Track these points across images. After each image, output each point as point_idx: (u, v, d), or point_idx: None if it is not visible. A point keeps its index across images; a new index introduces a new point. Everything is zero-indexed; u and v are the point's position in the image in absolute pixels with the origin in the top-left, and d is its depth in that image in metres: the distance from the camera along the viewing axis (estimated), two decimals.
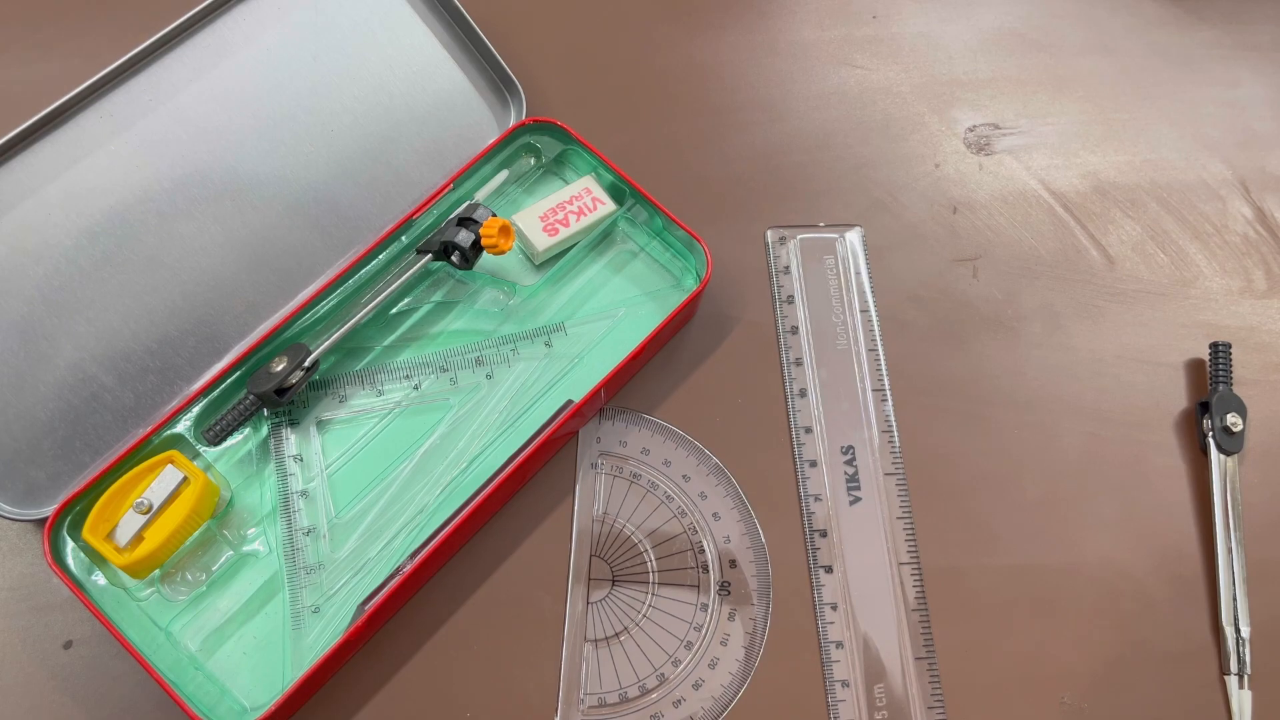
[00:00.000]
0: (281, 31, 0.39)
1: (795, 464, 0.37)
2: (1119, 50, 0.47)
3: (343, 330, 0.37)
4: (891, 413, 0.38)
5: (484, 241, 0.37)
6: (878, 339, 0.40)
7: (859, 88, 0.46)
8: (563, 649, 0.34)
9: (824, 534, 0.36)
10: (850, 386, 0.39)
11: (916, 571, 0.36)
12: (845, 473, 0.37)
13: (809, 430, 0.38)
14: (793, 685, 0.34)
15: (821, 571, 0.36)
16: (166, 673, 0.32)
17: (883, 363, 0.39)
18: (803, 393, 0.38)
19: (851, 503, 0.37)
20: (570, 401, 0.36)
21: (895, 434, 0.38)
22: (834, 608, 0.35)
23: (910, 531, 0.36)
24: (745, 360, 0.40)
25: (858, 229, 0.42)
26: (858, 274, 0.41)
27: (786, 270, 0.41)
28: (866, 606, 0.35)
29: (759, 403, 0.39)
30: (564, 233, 0.39)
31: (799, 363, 0.39)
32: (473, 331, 0.39)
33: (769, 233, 0.42)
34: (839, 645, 0.34)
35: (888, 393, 0.39)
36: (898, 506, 0.37)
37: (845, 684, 0.34)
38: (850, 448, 0.38)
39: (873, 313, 0.40)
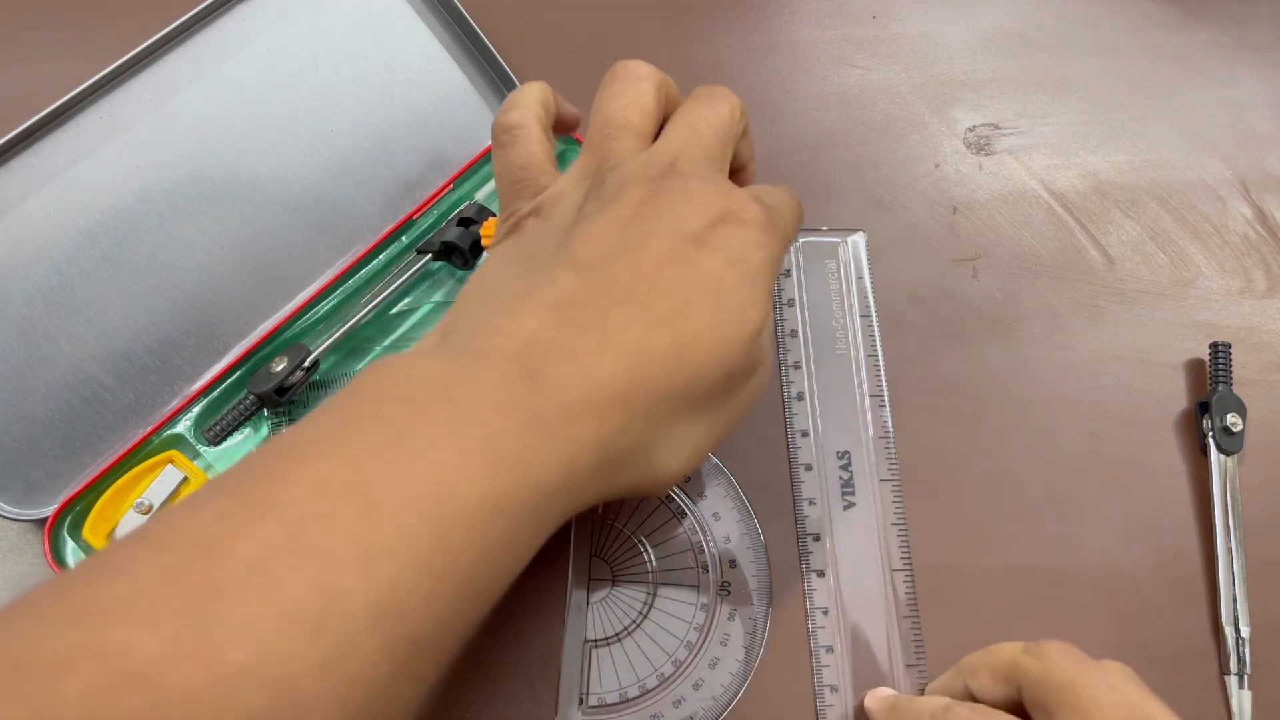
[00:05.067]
0: (281, 32, 0.39)
1: (791, 467, 0.37)
2: (1119, 50, 0.47)
3: (343, 330, 0.37)
4: (889, 419, 0.38)
5: (484, 242, 0.37)
6: (877, 344, 0.40)
7: (859, 88, 0.46)
8: (563, 649, 0.34)
9: (817, 538, 0.36)
10: (848, 392, 0.39)
11: (909, 579, 0.35)
12: (840, 478, 0.37)
13: (805, 434, 0.38)
14: (793, 685, 0.34)
15: (814, 576, 0.35)
16: None
17: (881, 368, 0.39)
18: (800, 396, 0.38)
19: (846, 508, 0.37)
20: None
21: (892, 440, 0.38)
22: (825, 612, 0.35)
23: (904, 538, 0.36)
24: None
25: (861, 233, 0.42)
26: (859, 279, 0.41)
27: (787, 273, 0.41)
28: (858, 612, 0.35)
29: (757, 408, 0.39)
30: None
31: (797, 366, 0.39)
32: None
33: None
34: (829, 650, 0.34)
35: (886, 399, 0.39)
36: (892, 513, 0.37)
37: (834, 689, 0.34)
38: (846, 453, 0.37)
39: (873, 317, 0.40)
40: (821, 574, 0.35)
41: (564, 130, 0.34)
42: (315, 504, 0.20)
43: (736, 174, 0.32)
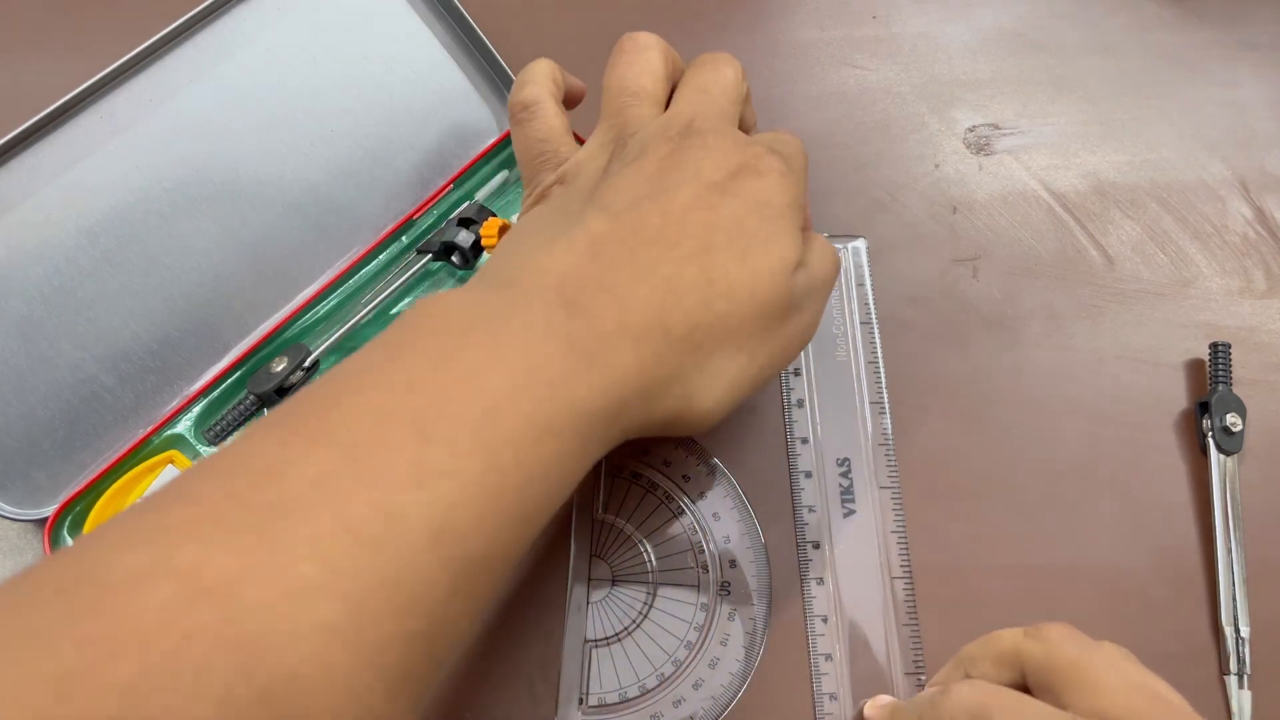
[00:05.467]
0: (281, 32, 0.39)
1: (790, 474, 0.37)
2: (1119, 50, 0.47)
3: (343, 330, 0.37)
4: (889, 426, 0.38)
5: (484, 242, 0.37)
6: (878, 351, 0.39)
7: (859, 88, 0.46)
8: (563, 649, 0.34)
9: (817, 546, 0.36)
10: (849, 399, 0.39)
11: (909, 586, 0.35)
12: (840, 485, 0.37)
13: (805, 441, 0.38)
14: (792, 690, 0.34)
15: (814, 583, 0.35)
16: None
17: (882, 376, 0.39)
18: (800, 403, 0.38)
19: (845, 515, 0.36)
20: None
21: (891, 447, 0.38)
22: (824, 620, 0.35)
23: (904, 546, 0.36)
24: None
25: (861, 240, 0.42)
26: (860, 285, 0.41)
27: None
28: (857, 619, 0.35)
29: (757, 410, 0.39)
30: None
31: (797, 373, 0.39)
32: None
33: None
34: (828, 658, 0.34)
35: (886, 406, 0.39)
36: (892, 520, 0.36)
37: (833, 697, 0.34)
38: (846, 460, 0.37)
39: (874, 324, 0.40)
40: (821, 581, 0.35)
41: (572, 103, 0.35)
42: (369, 430, 0.21)
43: None
